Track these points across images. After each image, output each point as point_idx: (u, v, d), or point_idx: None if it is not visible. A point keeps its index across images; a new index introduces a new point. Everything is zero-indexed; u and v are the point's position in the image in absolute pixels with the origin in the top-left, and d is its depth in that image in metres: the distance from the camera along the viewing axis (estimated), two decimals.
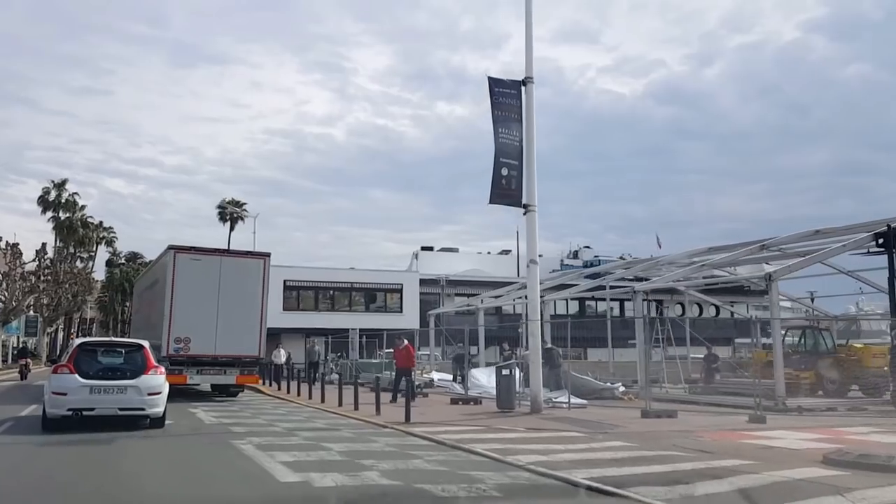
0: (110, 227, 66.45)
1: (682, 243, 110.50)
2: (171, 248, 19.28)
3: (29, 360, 31.13)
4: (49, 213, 57.41)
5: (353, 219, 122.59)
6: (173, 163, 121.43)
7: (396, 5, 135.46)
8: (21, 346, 41.14)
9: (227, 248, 20.62)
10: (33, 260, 44.30)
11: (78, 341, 13.23)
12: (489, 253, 63.59)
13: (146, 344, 12.74)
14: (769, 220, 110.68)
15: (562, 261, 60.24)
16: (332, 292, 40.01)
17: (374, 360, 28.69)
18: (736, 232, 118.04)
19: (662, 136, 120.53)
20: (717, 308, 40.20)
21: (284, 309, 36.75)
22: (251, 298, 18.98)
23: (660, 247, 49.80)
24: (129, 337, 23.22)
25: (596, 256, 58.46)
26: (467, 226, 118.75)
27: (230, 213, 60.84)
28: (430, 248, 58.04)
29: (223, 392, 20.50)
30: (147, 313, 23.33)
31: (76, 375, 11.40)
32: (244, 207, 63.51)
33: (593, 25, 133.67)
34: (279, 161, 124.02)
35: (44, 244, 46.59)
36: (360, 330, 30.72)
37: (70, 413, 11.22)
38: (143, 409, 11.64)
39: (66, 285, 50.12)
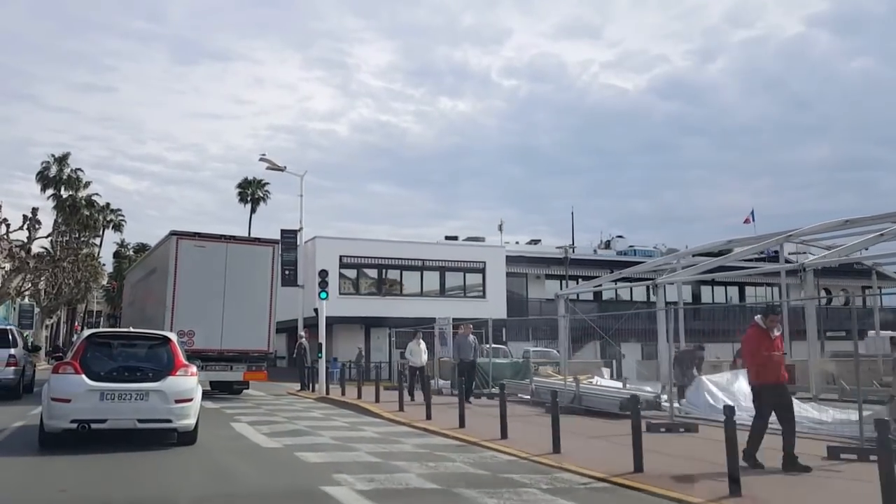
0: (118, 210, 65.13)
1: (686, 239, 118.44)
2: (173, 233, 18.88)
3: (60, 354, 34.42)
4: (49, 191, 55.37)
5: (355, 214, 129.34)
6: (177, 159, 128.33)
7: (397, 1, 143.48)
8: (55, 345, 43.05)
9: (232, 234, 20.04)
10: (21, 227, 38.36)
11: (87, 333, 11.09)
12: (517, 243, 62.25)
13: (173, 336, 10.59)
14: (773, 215, 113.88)
15: (595, 251, 58.54)
16: (398, 272, 34.50)
17: (502, 360, 23.08)
18: (740, 227, 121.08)
19: (665, 131, 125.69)
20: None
21: (341, 293, 31.18)
22: (260, 288, 18.83)
23: (750, 221, 47.01)
24: None
25: (631, 246, 57.04)
26: (469, 221, 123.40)
27: (254, 189, 59.36)
28: (455, 238, 56.20)
29: (225, 390, 19.83)
30: (142, 305, 22.86)
31: (83, 376, 9.44)
32: (266, 188, 61.81)
33: (595, 21, 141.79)
34: (283, 157, 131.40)
35: (34, 209, 40.30)
36: (431, 319, 25.16)
37: (74, 426, 9.27)
38: (169, 421, 9.75)
39: (66, 263, 45.35)
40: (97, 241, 60.90)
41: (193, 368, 10.43)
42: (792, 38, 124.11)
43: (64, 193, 55.45)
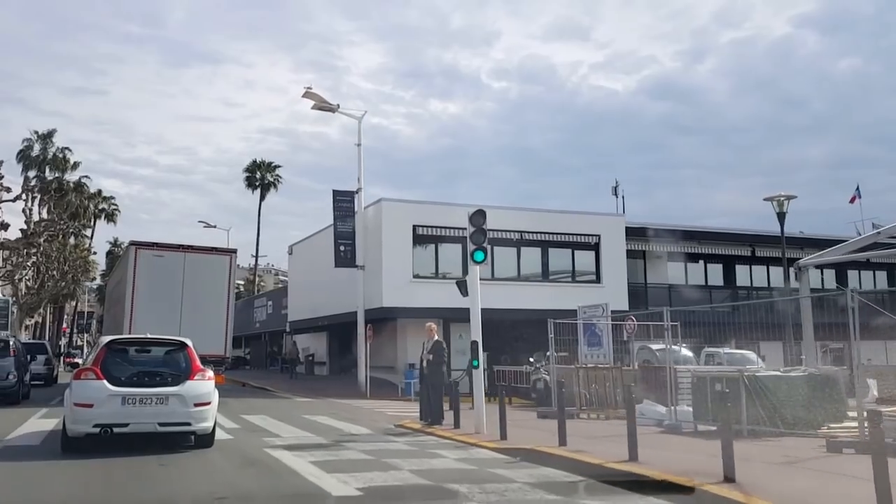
0: (111, 197, 63.28)
1: None
2: (132, 244, 21.35)
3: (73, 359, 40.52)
4: (33, 173, 52.60)
5: None
6: (168, 163, 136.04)
7: (387, 3, 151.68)
8: (68, 349, 44.78)
9: (189, 244, 21.62)
10: None
11: (106, 339, 12.20)
12: None
13: (189, 342, 11.57)
14: (767, 214, 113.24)
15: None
16: (488, 247, 26.85)
17: (786, 374, 13.69)
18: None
19: (656, 131, 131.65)
20: None
21: (416, 276, 25.56)
22: (216, 296, 21.09)
23: (856, 199, 44.32)
24: None
25: None
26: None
27: (261, 177, 59.20)
28: None
29: None
30: (114, 313, 25.33)
31: (105, 382, 10.41)
32: (277, 171, 60.77)
33: (584, 22, 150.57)
34: (274, 160, 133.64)
35: None
36: (531, 311, 21.74)
37: (97, 430, 10.25)
38: (188, 424, 10.77)
39: (42, 240, 41.22)
40: (87, 231, 58.67)
41: (210, 373, 11.50)
42: (780, 37, 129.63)
43: (49, 175, 52.88)
